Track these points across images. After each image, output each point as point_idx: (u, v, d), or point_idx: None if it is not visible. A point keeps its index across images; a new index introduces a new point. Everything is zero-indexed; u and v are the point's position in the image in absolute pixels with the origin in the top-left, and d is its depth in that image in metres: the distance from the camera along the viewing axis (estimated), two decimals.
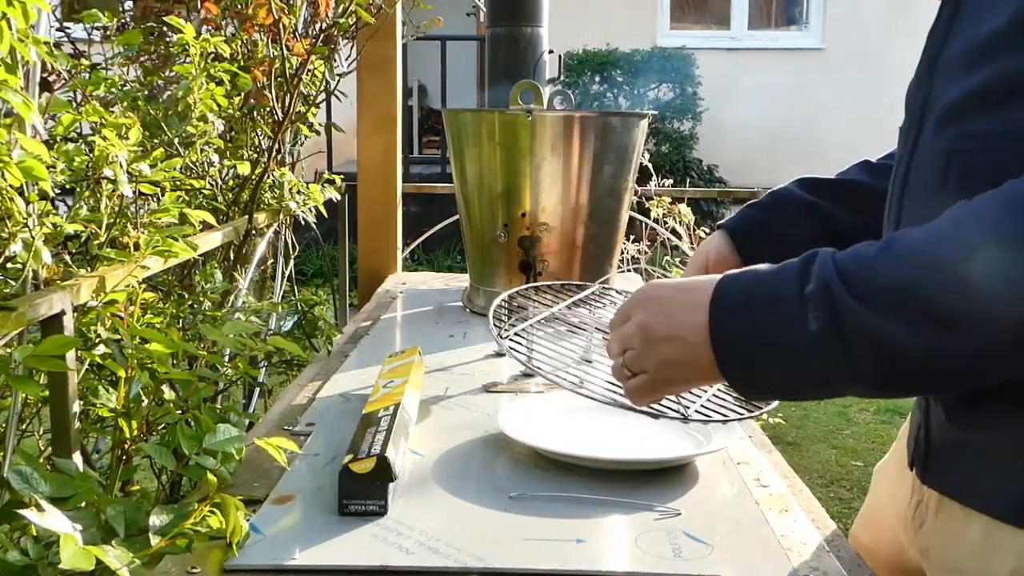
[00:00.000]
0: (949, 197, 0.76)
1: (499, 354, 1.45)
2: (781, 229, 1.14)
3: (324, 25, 1.95)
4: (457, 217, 1.87)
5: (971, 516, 0.83)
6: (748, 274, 0.76)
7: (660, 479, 1.00)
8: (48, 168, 1.08)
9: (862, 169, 1.14)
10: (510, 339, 1.07)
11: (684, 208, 3.46)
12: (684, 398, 0.98)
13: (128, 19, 2.01)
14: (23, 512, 0.67)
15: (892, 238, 0.72)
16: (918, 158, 0.84)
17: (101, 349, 1.13)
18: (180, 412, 1.03)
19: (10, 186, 1.01)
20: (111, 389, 1.14)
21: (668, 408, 0.95)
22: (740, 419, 1.01)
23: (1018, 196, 0.67)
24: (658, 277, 3.15)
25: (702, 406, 0.99)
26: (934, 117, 0.82)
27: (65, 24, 2.13)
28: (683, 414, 0.95)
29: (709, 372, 0.77)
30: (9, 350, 1.00)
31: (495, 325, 1.08)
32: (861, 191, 1.11)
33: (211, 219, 1.44)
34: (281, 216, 1.97)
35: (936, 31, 0.85)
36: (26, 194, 1.07)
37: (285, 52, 1.79)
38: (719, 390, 1.07)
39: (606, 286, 1.25)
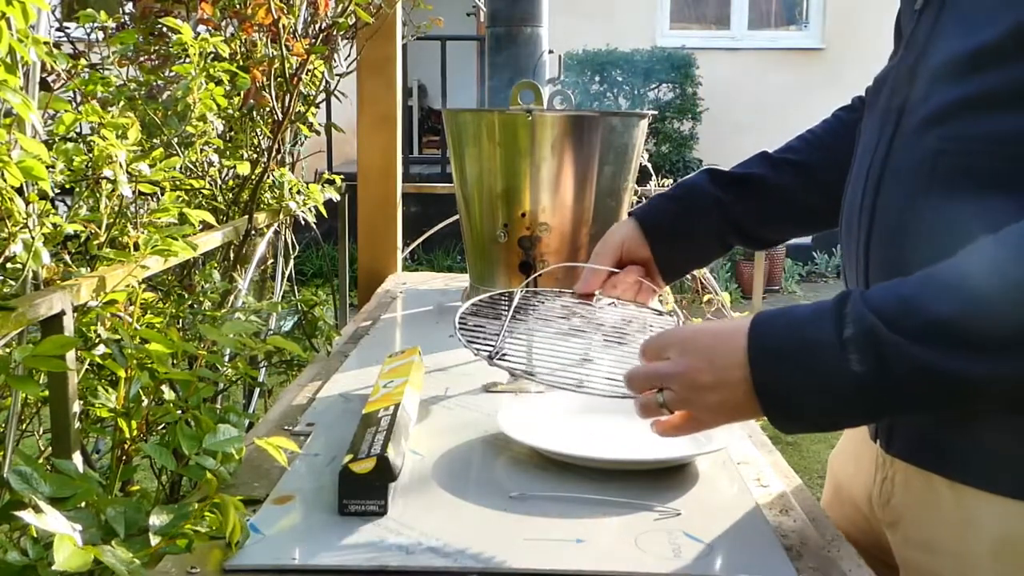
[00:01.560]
0: (934, 196, 0.82)
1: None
2: (687, 221, 1.15)
3: (324, 25, 1.95)
4: (457, 217, 1.87)
5: (939, 485, 0.85)
6: (784, 317, 0.79)
7: (660, 479, 1.00)
8: (48, 168, 1.08)
9: (763, 163, 1.16)
10: (499, 356, 1.02)
11: None
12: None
13: (127, 19, 2.01)
14: (20, 513, 0.67)
15: (926, 275, 0.74)
16: (897, 157, 0.86)
17: (101, 349, 1.12)
18: (180, 412, 1.03)
19: (10, 186, 1.01)
20: (111, 389, 1.14)
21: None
22: None
23: None
24: None
25: None
26: (916, 119, 0.84)
27: (65, 24, 2.13)
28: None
29: (750, 412, 0.80)
30: (9, 350, 1.00)
31: (475, 343, 1.03)
32: (764, 185, 1.14)
33: (211, 219, 1.44)
34: (281, 216, 1.96)
35: (916, 37, 0.87)
36: (26, 194, 1.07)
37: (284, 52, 1.79)
38: None
39: (530, 289, 1.24)
